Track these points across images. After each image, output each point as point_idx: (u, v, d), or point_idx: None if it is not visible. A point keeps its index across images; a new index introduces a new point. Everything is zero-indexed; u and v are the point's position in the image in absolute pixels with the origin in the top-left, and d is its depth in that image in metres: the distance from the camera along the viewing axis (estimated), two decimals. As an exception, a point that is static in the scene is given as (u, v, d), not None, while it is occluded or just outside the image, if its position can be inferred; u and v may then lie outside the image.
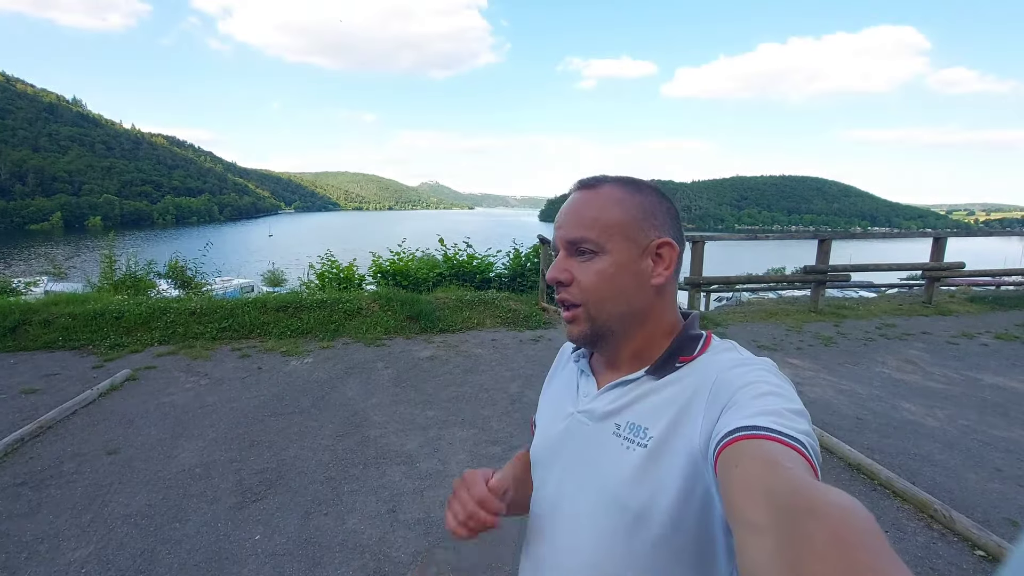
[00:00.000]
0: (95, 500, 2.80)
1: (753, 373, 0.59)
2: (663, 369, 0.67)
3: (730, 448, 0.50)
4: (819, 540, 0.35)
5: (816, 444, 0.51)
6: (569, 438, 0.73)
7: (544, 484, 0.76)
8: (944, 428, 3.79)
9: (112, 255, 8.13)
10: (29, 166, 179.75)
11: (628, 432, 0.65)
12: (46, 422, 3.62)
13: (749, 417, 0.52)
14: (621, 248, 0.67)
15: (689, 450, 0.59)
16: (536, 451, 0.80)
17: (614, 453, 0.66)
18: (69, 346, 5.34)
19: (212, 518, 2.66)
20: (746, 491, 0.45)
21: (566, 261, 0.70)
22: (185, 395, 4.24)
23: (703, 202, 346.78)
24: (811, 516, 0.37)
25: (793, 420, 0.51)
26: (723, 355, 0.66)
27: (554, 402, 0.82)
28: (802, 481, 0.43)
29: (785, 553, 0.36)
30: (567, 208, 0.71)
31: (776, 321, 6.97)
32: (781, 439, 0.49)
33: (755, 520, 0.41)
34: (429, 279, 8.06)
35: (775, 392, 0.56)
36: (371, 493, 2.91)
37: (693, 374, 0.65)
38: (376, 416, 3.90)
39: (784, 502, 0.40)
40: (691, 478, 0.58)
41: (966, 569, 2.36)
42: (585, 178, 0.72)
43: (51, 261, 13.84)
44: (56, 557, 2.36)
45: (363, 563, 2.35)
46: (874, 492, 2.96)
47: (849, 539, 0.34)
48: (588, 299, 0.68)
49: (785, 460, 0.46)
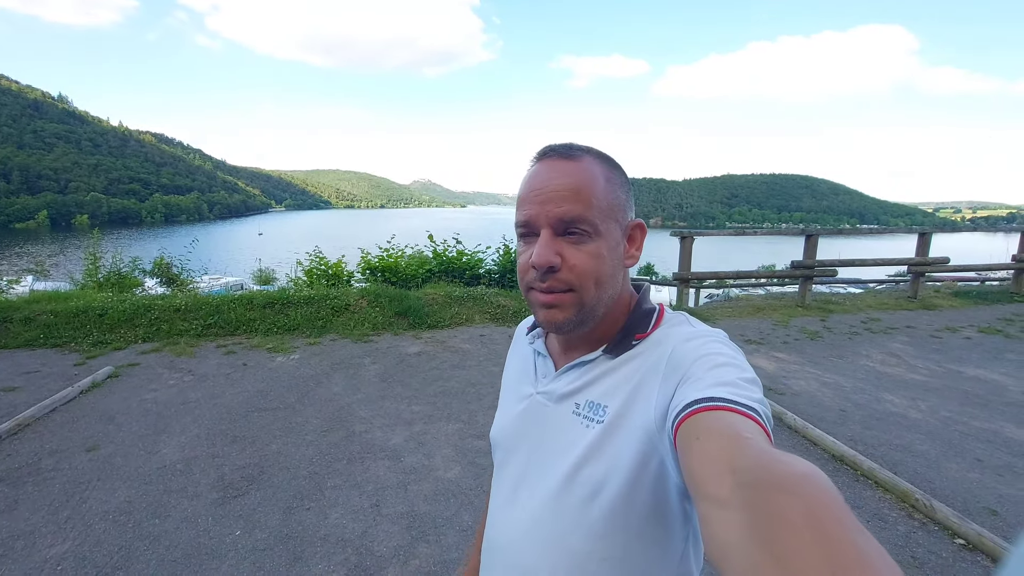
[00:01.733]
0: (73, 497, 2.76)
1: (707, 345, 0.60)
2: (619, 347, 0.67)
3: (689, 420, 0.50)
4: (789, 513, 0.35)
5: (769, 411, 0.51)
6: (529, 418, 0.73)
7: (504, 464, 0.77)
8: (926, 419, 3.83)
9: (97, 253, 8.03)
10: (14, 163, 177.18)
11: (587, 410, 0.65)
12: (24, 420, 3.56)
13: (705, 388, 0.52)
14: (612, 230, 0.65)
15: (644, 424, 0.59)
16: (496, 432, 0.81)
17: (573, 431, 0.66)
18: (51, 344, 5.27)
19: (192, 514, 2.63)
20: (709, 465, 0.45)
21: (556, 242, 0.63)
22: (168, 392, 4.19)
23: (694, 200, 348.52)
24: (780, 491, 0.37)
25: (747, 389, 0.52)
26: (676, 328, 0.66)
27: (512, 384, 0.82)
28: (763, 452, 0.43)
29: (758, 529, 0.36)
30: (549, 179, 0.63)
31: (763, 316, 7.02)
32: (738, 409, 0.49)
33: (720, 495, 0.41)
34: (418, 276, 8.02)
35: (729, 363, 0.56)
36: (355, 488, 2.89)
37: (648, 350, 0.65)
38: (362, 411, 3.88)
39: (748, 476, 0.40)
40: (646, 451, 0.58)
41: (946, 557, 2.39)
42: (557, 145, 0.66)
43: (34, 259, 13.65)
44: (32, 554, 2.32)
45: (345, 557, 2.34)
46: (856, 483, 2.98)
47: (822, 514, 0.34)
48: (583, 284, 0.63)
49: (744, 431, 0.46)
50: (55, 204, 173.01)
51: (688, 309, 7.43)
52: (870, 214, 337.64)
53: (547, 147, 0.67)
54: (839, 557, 0.31)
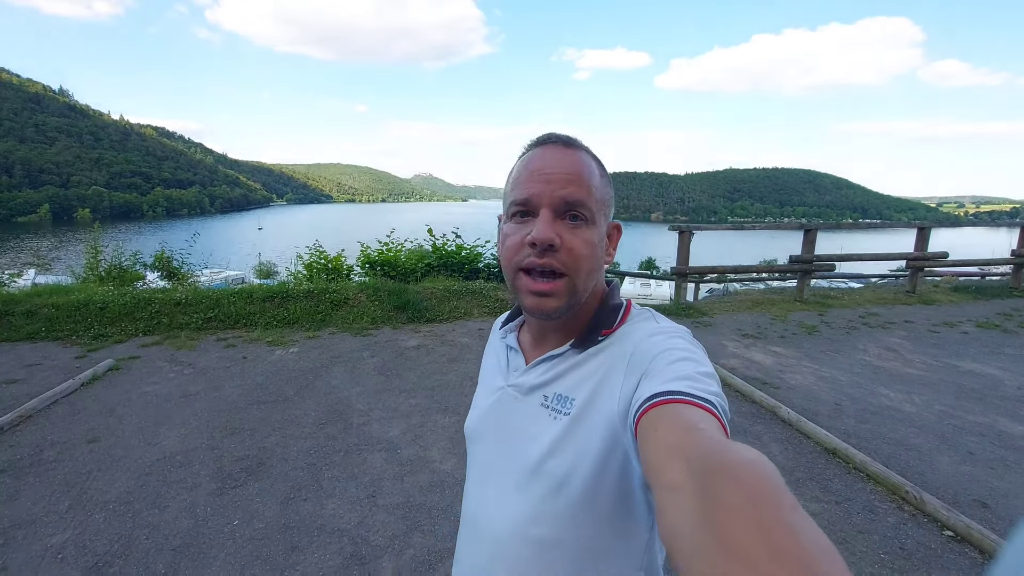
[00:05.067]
0: (74, 487, 2.80)
1: (668, 341, 0.62)
2: (586, 342, 0.69)
3: (649, 413, 0.52)
4: (733, 498, 0.36)
5: (725, 404, 0.53)
6: (499, 410, 0.76)
7: (475, 454, 0.80)
8: (920, 413, 3.85)
9: (98, 246, 8.05)
10: (16, 157, 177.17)
11: (555, 403, 0.67)
12: (26, 411, 3.60)
13: (665, 383, 0.54)
14: (602, 223, 0.68)
15: (608, 417, 0.61)
16: (469, 424, 0.83)
17: (541, 423, 0.68)
18: (52, 337, 5.30)
19: (191, 504, 2.67)
20: (664, 454, 0.46)
21: (556, 224, 0.63)
22: (168, 385, 4.23)
23: (696, 194, 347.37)
24: (723, 475, 0.39)
25: (704, 383, 0.54)
26: (641, 324, 0.68)
27: (487, 378, 0.84)
28: (715, 441, 0.44)
29: (702, 511, 0.38)
30: (553, 162, 0.64)
31: (762, 311, 7.03)
32: (695, 401, 0.51)
33: (672, 480, 0.43)
34: (417, 270, 8.04)
35: (687, 357, 0.58)
36: (351, 479, 2.92)
37: (613, 344, 0.67)
38: (359, 404, 3.91)
39: (699, 464, 0.42)
40: (610, 444, 0.60)
41: (934, 549, 2.41)
42: (555, 134, 0.68)
43: (36, 254, 13.68)
44: (33, 543, 2.36)
45: (340, 547, 2.37)
46: (848, 475, 3.01)
47: (760, 496, 0.36)
48: (577, 269, 0.63)
49: (699, 422, 0.48)
50: (57, 198, 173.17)
51: (687, 303, 7.44)
52: (873, 209, 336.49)
53: (547, 134, 0.69)
54: (777, 539, 0.33)
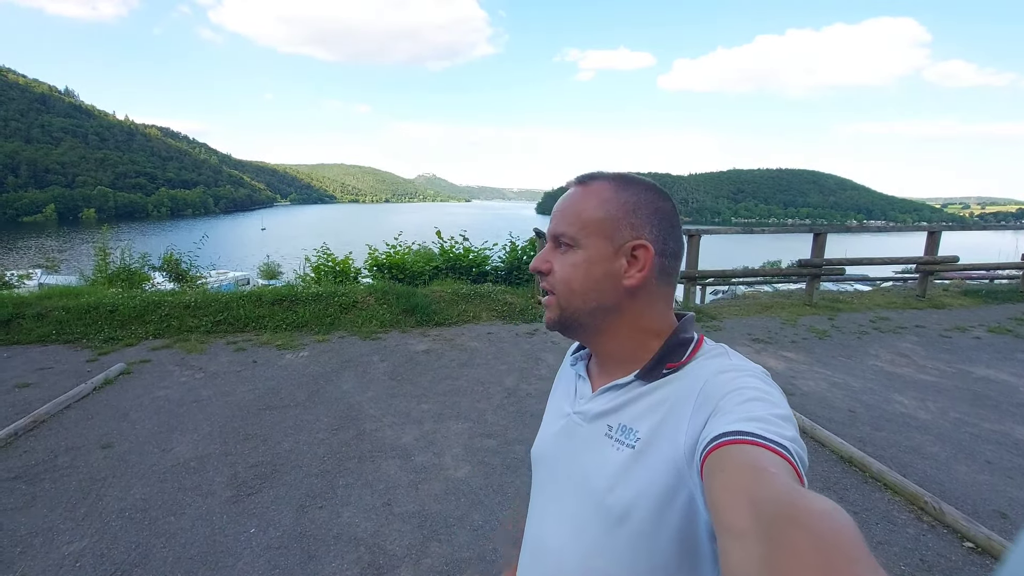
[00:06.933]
0: (89, 494, 2.80)
1: (741, 379, 0.59)
2: (651, 374, 0.68)
3: (716, 453, 0.51)
4: (803, 549, 0.35)
5: (803, 451, 0.51)
6: (564, 438, 0.76)
7: (540, 481, 0.79)
8: (936, 421, 3.83)
9: (106, 248, 8.08)
10: (22, 158, 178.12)
11: (619, 433, 0.66)
12: (40, 416, 3.61)
13: (735, 422, 0.52)
14: (596, 245, 0.68)
15: (674, 455, 0.59)
16: (535, 449, 0.84)
17: (604, 453, 0.67)
18: (63, 340, 5.32)
19: (207, 512, 2.67)
20: (730, 496, 0.45)
21: (550, 252, 0.74)
22: (180, 389, 4.24)
23: (700, 195, 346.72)
24: (794, 524, 0.37)
25: (779, 426, 0.51)
26: (713, 361, 0.66)
27: (555, 404, 0.84)
28: (786, 487, 0.43)
29: (770, 563, 0.36)
30: (558, 203, 0.75)
31: (771, 314, 7.00)
32: (766, 444, 0.49)
33: (738, 525, 0.42)
34: (425, 272, 8.05)
35: (762, 398, 0.56)
36: (366, 486, 2.92)
37: (682, 379, 0.65)
38: (371, 410, 3.91)
39: (768, 509, 0.40)
40: (674, 483, 0.59)
41: (955, 561, 2.39)
42: (582, 174, 0.75)
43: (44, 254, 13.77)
44: (51, 551, 2.36)
45: (358, 556, 2.37)
46: (865, 485, 2.99)
47: (834, 550, 0.34)
48: (559, 289, 0.71)
49: (770, 466, 0.46)
50: (62, 198, 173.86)
51: (695, 307, 7.42)
52: (878, 209, 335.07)
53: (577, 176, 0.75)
54: None
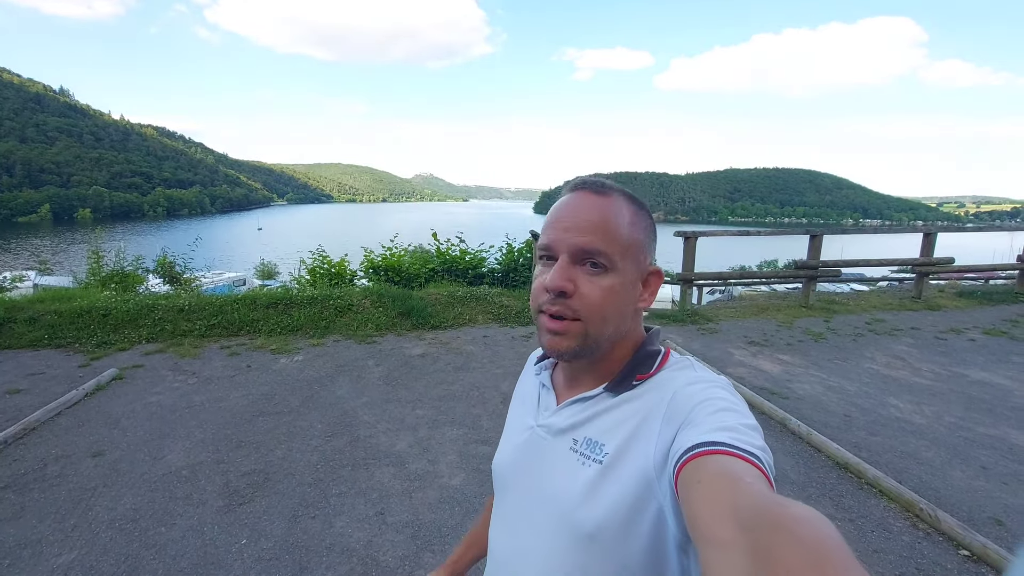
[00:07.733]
0: (79, 504, 2.77)
1: (710, 390, 0.60)
2: (620, 386, 0.67)
3: (691, 464, 0.51)
4: (791, 557, 0.35)
5: (771, 459, 0.52)
6: (528, 451, 0.74)
7: (504, 494, 0.78)
8: (931, 425, 3.82)
9: (99, 250, 8.03)
10: (16, 157, 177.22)
11: (585, 448, 0.65)
12: (30, 423, 3.58)
13: (707, 433, 0.53)
14: (629, 269, 0.66)
15: (643, 468, 0.59)
16: (497, 462, 0.81)
17: (570, 468, 0.66)
18: (55, 344, 5.28)
19: (198, 522, 2.64)
20: (711, 507, 0.45)
21: (571, 269, 0.64)
22: (172, 395, 4.20)
23: (697, 194, 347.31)
24: (779, 532, 0.37)
25: (749, 435, 0.52)
26: (680, 373, 0.66)
27: (517, 414, 0.82)
28: (765, 496, 0.43)
29: (755, 571, 0.36)
30: (576, 210, 0.66)
31: (767, 316, 7.00)
32: (740, 454, 0.49)
33: (722, 536, 0.41)
34: (421, 275, 8.02)
35: (730, 408, 0.57)
36: (359, 495, 2.89)
37: (650, 391, 0.65)
38: (366, 416, 3.88)
39: (750, 520, 0.41)
40: (644, 495, 0.58)
41: (950, 569, 2.38)
42: (589, 179, 0.69)
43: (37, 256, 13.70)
44: (39, 563, 2.33)
45: (351, 567, 2.34)
46: (860, 491, 2.98)
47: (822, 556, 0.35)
48: (590, 315, 0.64)
49: (745, 475, 0.47)
50: (57, 198, 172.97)
51: (692, 309, 7.41)
52: (874, 208, 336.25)
53: (580, 179, 0.70)
54: None
